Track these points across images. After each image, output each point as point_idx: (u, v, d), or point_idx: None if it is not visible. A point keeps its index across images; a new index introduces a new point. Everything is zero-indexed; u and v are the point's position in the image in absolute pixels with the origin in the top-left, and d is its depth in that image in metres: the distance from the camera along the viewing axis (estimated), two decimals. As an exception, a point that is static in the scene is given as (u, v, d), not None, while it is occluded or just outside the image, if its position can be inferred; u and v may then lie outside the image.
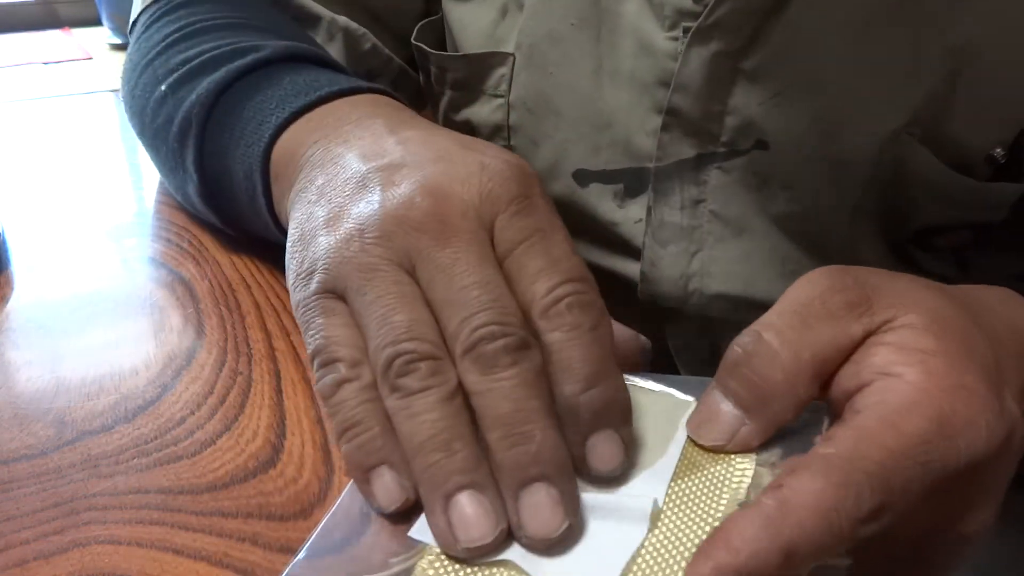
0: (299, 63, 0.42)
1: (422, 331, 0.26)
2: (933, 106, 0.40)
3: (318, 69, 0.42)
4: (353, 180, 0.30)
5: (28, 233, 0.49)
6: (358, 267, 0.27)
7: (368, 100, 0.38)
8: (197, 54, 0.44)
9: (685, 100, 0.43)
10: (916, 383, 0.24)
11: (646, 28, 0.44)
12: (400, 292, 0.26)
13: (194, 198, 0.44)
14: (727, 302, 0.47)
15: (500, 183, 0.28)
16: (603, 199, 0.48)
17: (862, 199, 0.43)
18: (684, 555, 0.24)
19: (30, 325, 0.39)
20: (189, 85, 0.43)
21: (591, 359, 0.26)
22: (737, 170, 0.44)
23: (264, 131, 0.37)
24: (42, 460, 0.30)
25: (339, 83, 0.38)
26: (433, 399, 0.25)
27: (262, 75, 0.41)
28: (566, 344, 0.26)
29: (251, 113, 0.39)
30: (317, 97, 0.37)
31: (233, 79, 0.41)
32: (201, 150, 0.42)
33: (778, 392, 0.26)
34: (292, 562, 0.24)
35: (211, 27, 0.48)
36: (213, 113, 0.41)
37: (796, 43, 0.40)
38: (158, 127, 0.46)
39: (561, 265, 0.27)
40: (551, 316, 0.26)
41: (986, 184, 0.42)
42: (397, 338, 0.25)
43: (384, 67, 0.56)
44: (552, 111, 0.48)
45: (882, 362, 0.25)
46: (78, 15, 2.28)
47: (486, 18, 0.50)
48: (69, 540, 0.27)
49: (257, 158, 0.37)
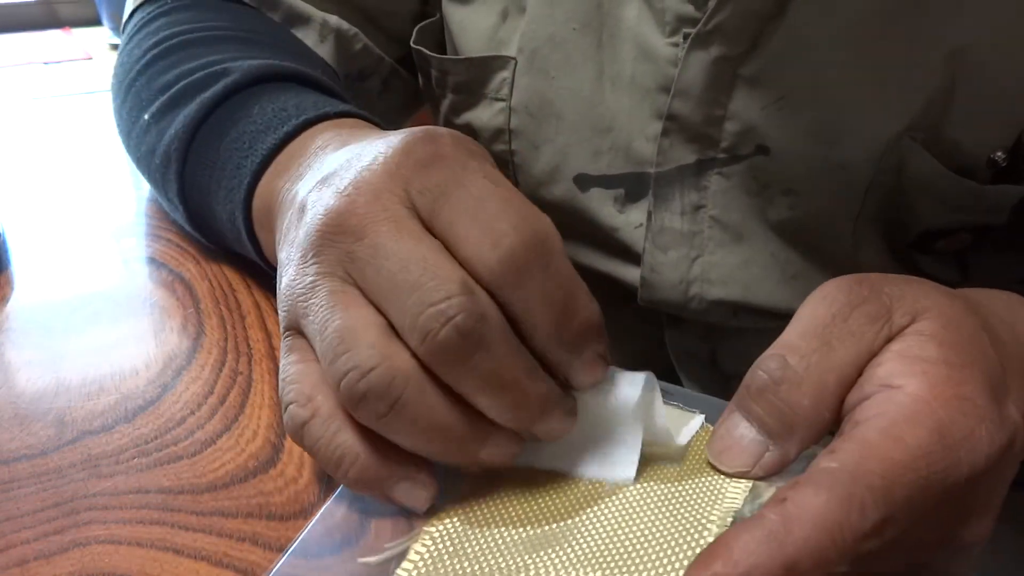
0: (270, 83, 0.43)
1: (358, 342, 0.25)
2: (933, 110, 0.41)
3: (287, 93, 0.42)
4: (297, 212, 0.30)
5: (28, 233, 0.49)
6: (300, 295, 0.27)
7: (332, 125, 0.38)
8: (175, 78, 0.45)
9: (685, 105, 0.43)
10: (916, 394, 0.24)
11: (647, 33, 0.44)
12: (336, 304, 0.26)
13: (183, 223, 0.45)
14: (727, 308, 0.47)
15: (401, 153, 0.28)
16: (603, 204, 0.49)
17: (863, 203, 0.43)
18: (663, 560, 0.24)
19: (30, 325, 0.39)
20: (168, 117, 0.44)
21: (553, 303, 0.26)
22: (737, 175, 0.44)
23: (241, 178, 0.38)
24: (42, 460, 0.30)
25: (305, 111, 0.39)
26: (395, 422, 0.25)
27: (233, 104, 0.41)
28: (521, 300, 0.25)
29: (227, 155, 0.40)
30: (284, 134, 0.37)
31: (208, 110, 0.42)
32: (183, 185, 0.42)
33: (806, 419, 0.26)
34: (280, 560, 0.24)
35: (191, 41, 0.48)
36: (192, 148, 0.42)
37: (796, 48, 0.41)
38: (142, 155, 0.47)
39: (481, 218, 0.26)
40: (494, 279, 0.25)
41: (987, 187, 0.42)
42: (336, 358, 0.25)
43: (375, 67, 0.56)
44: (553, 115, 0.48)
45: (885, 373, 0.25)
46: (78, 15, 2.28)
47: (486, 21, 0.50)
48: (69, 540, 0.27)
49: (239, 204, 0.38)
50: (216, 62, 0.45)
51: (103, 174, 0.59)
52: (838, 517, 0.22)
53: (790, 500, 0.22)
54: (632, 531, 0.25)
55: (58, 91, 1.63)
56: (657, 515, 0.25)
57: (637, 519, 0.25)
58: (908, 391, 0.24)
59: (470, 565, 0.24)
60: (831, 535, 0.22)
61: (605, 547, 0.24)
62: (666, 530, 0.25)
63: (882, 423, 0.24)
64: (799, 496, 0.22)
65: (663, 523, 0.25)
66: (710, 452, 0.27)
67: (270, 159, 0.38)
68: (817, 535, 0.21)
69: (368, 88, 0.57)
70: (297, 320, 0.27)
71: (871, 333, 0.26)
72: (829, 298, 0.27)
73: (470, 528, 0.26)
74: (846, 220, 0.44)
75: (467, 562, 0.24)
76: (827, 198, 0.43)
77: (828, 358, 0.26)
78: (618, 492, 0.27)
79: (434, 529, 0.26)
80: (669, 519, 0.25)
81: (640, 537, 0.25)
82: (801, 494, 0.22)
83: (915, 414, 0.24)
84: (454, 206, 0.26)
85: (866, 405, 0.25)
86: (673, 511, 0.26)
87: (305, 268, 0.27)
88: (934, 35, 0.39)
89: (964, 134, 0.41)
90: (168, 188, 0.43)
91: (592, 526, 0.25)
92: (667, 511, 0.26)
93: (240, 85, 0.42)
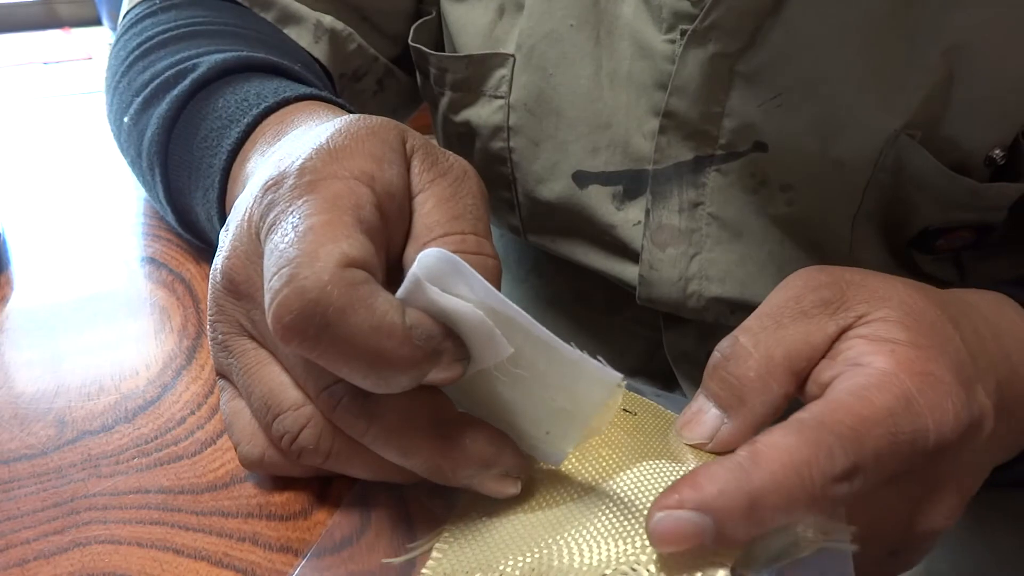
0: (237, 75, 0.43)
1: (281, 407, 0.27)
2: (931, 107, 0.41)
3: (250, 82, 0.42)
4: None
5: (28, 233, 0.49)
6: (219, 351, 0.29)
7: (290, 111, 0.38)
8: (150, 77, 0.45)
9: (682, 103, 0.43)
10: (884, 368, 0.25)
11: (644, 30, 0.44)
12: (251, 369, 0.28)
13: (174, 225, 0.45)
14: (725, 305, 0.47)
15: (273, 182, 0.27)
16: (602, 201, 0.49)
17: (861, 200, 0.43)
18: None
19: (30, 325, 0.39)
20: (144, 117, 0.44)
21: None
22: (735, 172, 0.44)
23: (213, 177, 0.38)
24: (42, 460, 0.31)
25: (265, 99, 0.38)
26: (336, 464, 0.27)
27: (201, 99, 0.41)
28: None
29: (199, 154, 0.40)
30: (246, 125, 0.37)
31: (178, 108, 0.42)
32: (168, 187, 0.43)
33: (753, 389, 0.27)
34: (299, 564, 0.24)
35: (173, 38, 0.48)
36: (169, 150, 0.42)
37: (793, 45, 0.41)
38: (132, 159, 0.47)
39: (269, 263, 0.24)
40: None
41: (985, 185, 0.42)
42: (268, 425, 0.27)
43: (370, 67, 0.56)
44: (552, 112, 0.48)
45: (854, 354, 0.26)
46: (78, 15, 2.28)
47: (484, 18, 0.50)
48: (69, 540, 0.27)
49: (213, 204, 0.38)
50: (186, 58, 0.45)
51: (103, 174, 0.59)
52: (806, 456, 0.23)
53: (760, 440, 0.23)
54: (638, 504, 0.26)
55: (58, 91, 1.63)
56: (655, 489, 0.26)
57: (640, 494, 0.26)
58: (876, 365, 0.25)
59: (492, 554, 0.24)
60: (798, 473, 0.22)
61: (619, 522, 0.25)
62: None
63: (850, 386, 0.25)
64: (769, 437, 0.23)
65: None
66: (675, 428, 0.29)
67: (235, 153, 0.37)
68: (784, 471, 0.22)
69: (363, 88, 0.57)
70: (223, 371, 0.29)
71: (822, 316, 0.28)
72: (789, 284, 0.29)
73: (489, 520, 0.26)
74: (844, 217, 0.44)
75: (489, 551, 0.24)
76: (825, 195, 0.43)
77: (775, 334, 0.28)
78: (620, 473, 0.27)
79: (454, 526, 0.26)
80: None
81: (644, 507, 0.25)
82: (771, 435, 0.23)
83: (882, 383, 0.25)
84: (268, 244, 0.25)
85: (835, 381, 0.26)
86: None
87: (214, 325, 0.29)
88: (931, 30, 0.39)
89: (962, 132, 0.41)
90: (157, 191, 0.44)
91: (605, 505, 0.26)
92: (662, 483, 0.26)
93: (207, 79, 0.42)
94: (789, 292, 0.28)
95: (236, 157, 0.37)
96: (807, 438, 0.23)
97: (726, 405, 0.28)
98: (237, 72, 0.43)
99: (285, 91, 0.39)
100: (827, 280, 0.28)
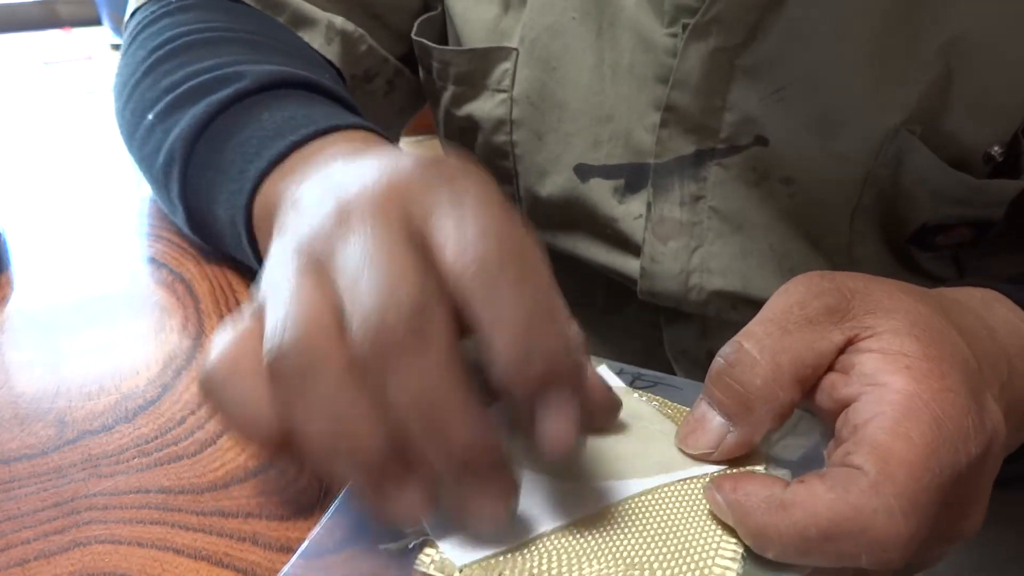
0: (279, 90, 0.42)
1: (306, 326, 0.23)
2: (930, 103, 0.40)
3: (297, 102, 0.41)
4: (293, 208, 0.29)
5: (28, 233, 0.49)
6: (269, 268, 0.26)
7: (342, 138, 0.37)
8: (183, 79, 0.44)
9: (684, 96, 0.43)
10: (906, 390, 0.25)
11: (645, 23, 0.44)
12: (298, 280, 0.24)
13: (182, 226, 0.45)
14: (726, 299, 0.47)
15: (408, 171, 0.26)
16: (603, 194, 0.48)
17: (861, 195, 0.43)
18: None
19: (30, 325, 0.39)
20: (173, 117, 0.43)
21: (520, 317, 0.22)
22: (736, 166, 0.44)
23: (245, 181, 0.37)
24: (43, 460, 0.30)
25: (315, 122, 0.38)
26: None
27: (242, 108, 0.41)
28: (488, 311, 0.22)
29: (232, 157, 0.39)
30: (292, 142, 0.37)
31: (216, 112, 0.41)
32: (185, 186, 0.42)
33: (759, 397, 0.26)
34: (289, 561, 0.24)
35: (198, 42, 0.48)
36: (196, 149, 0.41)
37: (794, 39, 0.40)
38: (146, 155, 0.46)
39: (465, 229, 0.24)
40: (463, 286, 0.22)
41: (984, 181, 0.42)
42: (270, 339, 0.24)
43: (380, 68, 0.56)
44: (556, 105, 0.48)
45: (870, 370, 0.26)
46: (78, 15, 2.28)
47: (488, 12, 0.50)
48: (70, 540, 0.27)
49: (240, 207, 0.37)
50: (224, 64, 0.44)
51: (103, 174, 0.59)
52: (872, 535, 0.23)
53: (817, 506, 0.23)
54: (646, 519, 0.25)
55: (58, 91, 1.63)
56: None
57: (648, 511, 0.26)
58: (897, 387, 0.25)
59: (489, 541, 0.24)
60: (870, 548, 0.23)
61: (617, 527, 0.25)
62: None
63: (884, 424, 0.24)
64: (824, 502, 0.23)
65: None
66: (678, 438, 0.28)
67: (276, 164, 0.37)
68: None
69: (374, 89, 0.57)
70: (263, 292, 0.26)
71: (828, 324, 0.27)
72: (791, 290, 0.28)
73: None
74: (844, 212, 0.44)
75: (486, 538, 0.24)
76: (825, 190, 0.43)
77: (781, 341, 0.27)
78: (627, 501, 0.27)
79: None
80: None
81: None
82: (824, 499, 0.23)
83: (910, 410, 0.24)
84: (444, 221, 0.24)
85: (858, 408, 0.25)
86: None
87: (284, 248, 0.26)
88: (930, 24, 0.39)
89: (962, 128, 0.41)
90: (170, 188, 0.43)
91: (599, 496, 0.26)
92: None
93: (250, 90, 0.42)
94: (792, 298, 0.28)
95: (276, 167, 0.37)
96: (866, 505, 0.23)
97: (731, 413, 0.27)
98: (279, 87, 0.42)
99: (334, 118, 0.38)
100: (830, 286, 0.28)
